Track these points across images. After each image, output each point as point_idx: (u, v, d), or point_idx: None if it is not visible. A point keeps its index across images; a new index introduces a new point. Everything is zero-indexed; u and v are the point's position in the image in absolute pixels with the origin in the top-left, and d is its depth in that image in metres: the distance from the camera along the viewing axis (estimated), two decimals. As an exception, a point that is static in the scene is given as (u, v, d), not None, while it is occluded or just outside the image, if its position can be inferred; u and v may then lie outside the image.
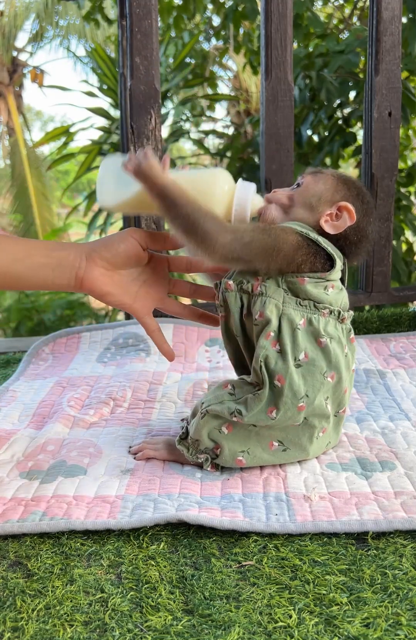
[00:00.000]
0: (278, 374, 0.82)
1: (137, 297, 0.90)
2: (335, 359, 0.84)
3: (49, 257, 0.85)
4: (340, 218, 0.86)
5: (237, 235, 0.81)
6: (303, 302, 0.84)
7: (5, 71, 9.90)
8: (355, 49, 2.86)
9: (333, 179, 0.89)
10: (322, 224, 0.86)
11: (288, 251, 0.82)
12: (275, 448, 0.85)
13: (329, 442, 0.90)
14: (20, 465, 0.89)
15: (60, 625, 0.59)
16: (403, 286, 2.70)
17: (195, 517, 0.74)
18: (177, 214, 0.81)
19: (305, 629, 0.58)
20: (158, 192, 0.82)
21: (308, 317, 0.84)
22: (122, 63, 2.16)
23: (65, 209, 10.63)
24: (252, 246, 0.81)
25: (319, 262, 0.84)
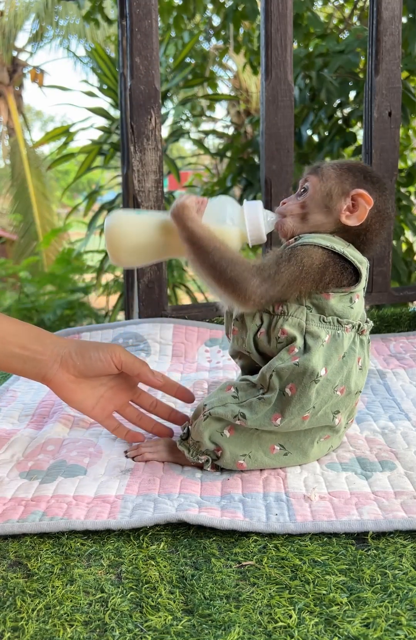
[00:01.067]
0: (291, 383, 0.81)
1: (99, 402, 0.92)
2: (348, 373, 0.84)
3: (24, 350, 0.87)
4: (358, 207, 0.84)
5: (264, 275, 0.79)
6: (327, 319, 0.82)
7: (5, 71, 9.91)
8: (355, 49, 2.86)
9: (335, 171, 0.86)
10: (344, 220, 0.84)
11: (315, 275, 0.80)
12: (276, 452, 0.85)
13: (331, 446, 0.90)
14: (20, 465, 0.89)
15: (60, 625, 0.59)
16: (403, 286, 2.70)
17: (195, 517, 0.74)
18: (204, 262, 0.80)
19: (305, 629, 0.58)
20: (186, 235, 0.82)
21: (333, 333, 0.82)
22: (122, 63, 2.16)
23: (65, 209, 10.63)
24: (280, 284, 0.79)
25: (346, 279, 0.83)
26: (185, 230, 0.82)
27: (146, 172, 1.44)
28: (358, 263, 0.83)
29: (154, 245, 0.88)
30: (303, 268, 0.80)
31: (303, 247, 0.81)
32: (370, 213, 0.84)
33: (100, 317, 5.07)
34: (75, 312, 5.05)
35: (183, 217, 0.82)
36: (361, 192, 0.83)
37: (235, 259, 0.80)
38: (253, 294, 0.79)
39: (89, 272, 5.74)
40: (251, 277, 0.79)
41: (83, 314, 5.08)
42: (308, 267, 0.80)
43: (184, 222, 0.82)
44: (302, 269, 0.79)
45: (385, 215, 0.87)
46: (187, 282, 4.68)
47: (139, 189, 1.45)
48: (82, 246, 5.50)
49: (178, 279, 4.60)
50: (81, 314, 5.07)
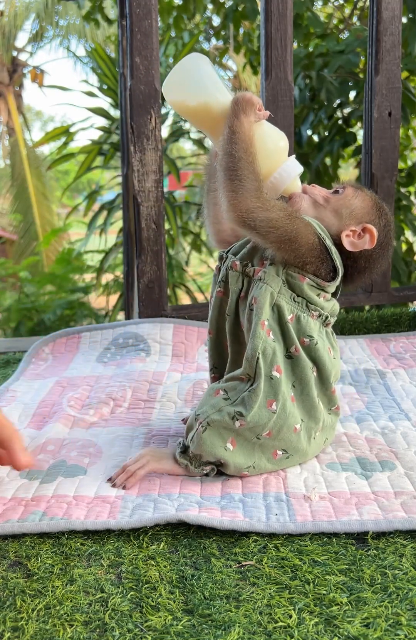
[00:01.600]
0: (277, 364, 0.83)
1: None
2: (318, 359, 0.86)
3: None
4: (361, 238, 0.88)
5: (264, 206, 0.81)
6: (297, 299, 0.85)
7: (5, 71, 9.90)
8: (355, 49, 2.86)
9: (371, 201, 0.91)
10: (343, 236, 0.87)
11: (301, 246, 0.83)
12: (279, 457, 0.85)
13: (326, 439, 0.90)
14: (20, 465, 0.89)
15: (60, 625, 0.59)
16: (403, 286, 2.71)
17: (195, 518, 0.74)
18: (231, 153, 0.82)
19: (305, 629, 0.58)
20: (233, 123, 0.83)
21: (297, 314, 0.85)
22: (122, 63, 2.16)
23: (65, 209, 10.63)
24: (271, 224, 0.81)
25: (324, 270, 0.85)
26: (234, 118, 0.83)
27: (146, 172, 1.44)
28: (339, 265, 0.87)
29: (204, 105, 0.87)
30: (297, 232, 0.82)
31: (305, 220, 0.85)
32: (364, 252, 0.88)
33: (100, 317, 5.07)
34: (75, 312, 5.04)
35: (242, 108, 0.83)
36: (373, 231, 0.88)
37: (256, 176, 0.82)
38: (245, 208, 0.81)
39: (89, 272, 5.74)
40: (256, 197, 0.81)
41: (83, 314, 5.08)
42: (299, 236, 0.82)
43: (239, 113, 0.83)
44: (295, 232, 0.82)
45: (371, 265, 0.91)
46: (187, 282, 4.68)
47: (139, 189, 1.45)
48: (82, 246, 5.50)
49: (178, 279, 4.61)
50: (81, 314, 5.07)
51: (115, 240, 4.64)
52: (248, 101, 0.83)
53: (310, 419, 0.86)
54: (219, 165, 0.83)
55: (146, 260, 1.46)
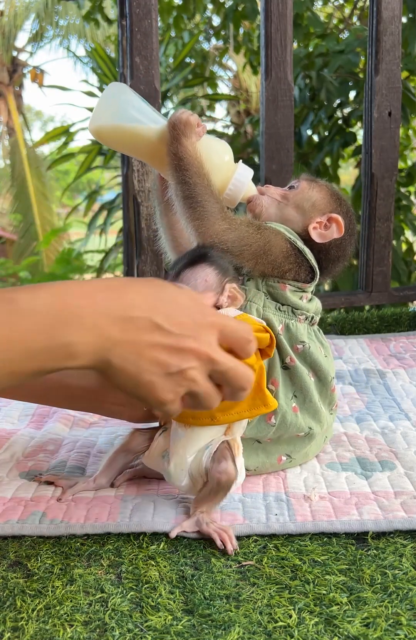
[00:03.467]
0: (272, 378, 0.82)
1: None
2: (314, 362, 0.85)
3: None
4: (329, 229, 0.87)
5: (231, 226, 0.80)
6: (283, 308, 0.84)
7: (5, 71, 9.91)
8: (355, 49, 2.86)
9: (328, 190, 0.90)
10: (310, 229, 0.86)
11: (276, 256, 0.82)
12: (283, 462, 0.86)
13: (326, 437, 0.91)
14: (20, 465, 0.89)
15: (60, 625, 0.59)
16: (403, 286, 2.71)
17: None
18: (184, 180, 0.80)
19: (305, 629, 0.58)
20: (177, 150, 0.80)
21: (286, 322, 0.84)
22: (122, 63, 2.16)
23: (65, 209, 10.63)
24: (243, 242, 0.80)
25: (303, 273, 0.85)
26: (177, 144, 0.80)
27: (146, 172, 1.44)
28: (314, 264, 0.86)
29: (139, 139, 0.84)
30: (268, 242, 0.81)
31: (272, 228, 0.84)
32: (334, 241, 0.87)
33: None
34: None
35: (181, 131, 0.81)
36: (338, 219, 0.86)
37: (215, 197, 0.80)
38: (214, 234, 0.79)
39: (89, 272, 5.74)
40: (221, 219, 0.80)
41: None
42: (272, 246, 0.82)
43: (180, 136, 0.81)
44: (266, 243, 0.81)
45: (344, 253, 0.90)
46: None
47: (139, 189, 1.45)
48: (82, 246, 5.51)
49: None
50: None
51: (115, 240, 4.64)
52: (186, 123, 0.81)
53: (316, 424, 0.86)
54: (175, 195, 0.81)
55: (146, 260, 1.46)
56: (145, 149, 0.85)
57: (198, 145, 0.82)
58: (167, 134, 0.81)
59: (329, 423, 0.89)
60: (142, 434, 0.80)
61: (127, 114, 0.84)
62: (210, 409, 0.64)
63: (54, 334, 0.55)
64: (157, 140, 0.83)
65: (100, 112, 0.85)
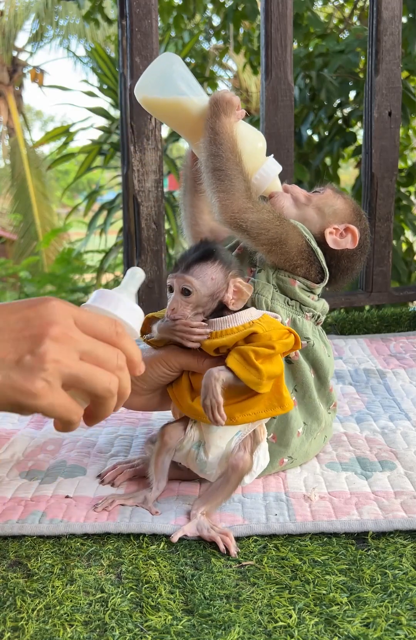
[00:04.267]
0: None
1: None
2: (316, 360, 0.86)
3: None
4: (344, 238, 0.88)
5: (254, 207, 0.81)
6: (291, 302, 0.85)
7: (5, 71, 9.91)
8: (355, 49, 2.86)
9: (351, 204, 0.91)
10: (326, 234, 0.87)
11: (291, 248, 0.83)
12: (285, 464, 0.86)
13: (325, 437, 0.91)
14: (20, 465, 0.89)
15: (60, 625, 0.59)
16: (403, 286, 2.71)
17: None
18: (217, 153, 0.80)
19: (305, 629, 0.58)
20: (215, 124, 0.81)
21: (293, 317, 0.85)
22: (122, 63, 2.16)
23: (65, 209, 10.63)
24: (262, 225, 0.81)
25: (313, 272, 0.86)
26: (216, 119, 0.82)
27: (146, 172, 1.44)
28: (324, 264, 0.87)
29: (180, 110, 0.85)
30: (286, 233, 0.82)
31: (292, 222, 0.85)
32: (346, 252, 0.89)
33: (100, 317, 5.06)
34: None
35: (223, 109, 0.82)
36: (355, 231, 0.88)
37: (245, 176, 0.81)
38: (237, 209, 0.80)
39: (89, 272, 5.74)
40: (247, 198, 0.81)
41: (83, 314, 5.07)
42: (289, 238, 0.83)
43: (220, 112, 0.82)
44: (285, 234, 0.82)
45: (352, 266, 0.92)
46: (187, 282, 4.67)
47: (139, 189, 1.45)
48: (82, 246, 5.50)
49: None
50: (81, 313, 5.06)
51: (115, 240, 4.64)
52: (229, 102, 0.82)
53: (313, 421, 0.86)
54: (205, 167, 0.82)
55: (146, 260, 1.46)
56: (185, 120, 0.86)
57: (235, 126, 0.83)
58: (208, 109, 0.83)
59: (328, 422, 0.90)
60: (175, 427, 0.80)
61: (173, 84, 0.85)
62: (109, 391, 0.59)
63: None
64: (198, 114, 0.84)
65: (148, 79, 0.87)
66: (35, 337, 0.56)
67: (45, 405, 0.56)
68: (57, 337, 0.56)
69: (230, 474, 0.74)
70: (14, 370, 0.55)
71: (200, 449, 0.77)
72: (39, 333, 0.56)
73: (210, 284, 0.75)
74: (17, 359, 0.55)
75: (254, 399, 0.75)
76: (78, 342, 0.57)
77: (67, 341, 0.56)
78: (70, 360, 0.56)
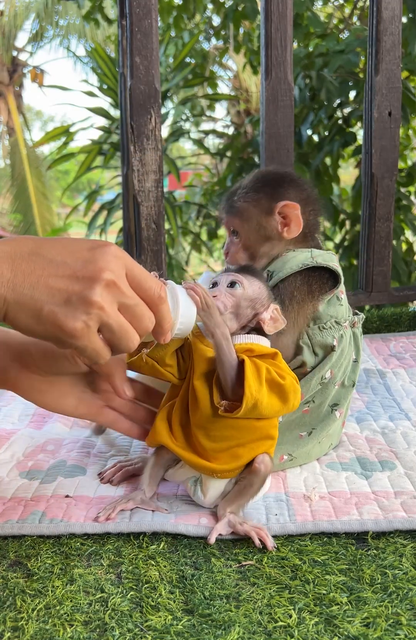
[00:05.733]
0: None
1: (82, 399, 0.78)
2: (345, 367, 0.86)
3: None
4: (289, 217, 0.84)
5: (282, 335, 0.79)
6: (327, 325, 0.84)
7: (5, 71, 9.90)
8: (355, 49, 2.86)
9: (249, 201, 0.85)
10: (286, 236, 0.84)
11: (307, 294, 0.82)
12: (284, 460, 0.86)
13: (331, 444, 0.90)
14: (20, 465, 0.89)
15: (60, 625, 0.59)
16: (403, 286, 2.70)
17: (194, 530, 0.73)
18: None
19: (305, 629, 0.58)
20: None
21: (338, 335, 0.84)
22: (122, 63, 2.16)
23: (65, 209, 10.63)
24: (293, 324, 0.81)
25: (327, 283, 0.84)
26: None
27: (146, 172, 1.44)
28: (331, 263, 0.84)
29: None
30: (299, 297, 0.81)
31: (285, 281, 0.82)
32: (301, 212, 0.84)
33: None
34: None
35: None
36: (283, 203, 0.83)
37: None
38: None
39: (89, 272, 5.71)
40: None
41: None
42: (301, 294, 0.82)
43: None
44: (299, 300, 0.81)
45: (312, 201, 0.87)
46: (186, 282, 4.67)
47: (139, 189, 1.45)
48: (82, 246, 5.47)
49: (178, 278, 4.61)
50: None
51: (115, 240, 4.63)
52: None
53: (322, 428, 0.86)
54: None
55: (146, 260, 1.46)
56: None
57: None
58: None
59: (336, 430, 0.90)
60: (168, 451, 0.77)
61: None
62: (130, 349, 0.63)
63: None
64: None
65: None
66: (87, 280, 0.58)
67: (80, 345, 0.59)
68: (107, 284, 0.59)
69: (253, 479, 0.74)
70: (60, 307, 0.58)
71: (197, 486, 0.76)
72: (92, 277, 0.58)
73: (257, 291, 0.75)
74: (66, 298, 0.58)
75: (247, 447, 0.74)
76: (123, 295, 0.60)
77: (114, 290, 0.59)
78: (112, 310, 0.59)
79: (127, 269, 0.61)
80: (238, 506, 0.74)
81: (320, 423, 0.86)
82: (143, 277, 0.63)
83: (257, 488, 0.75)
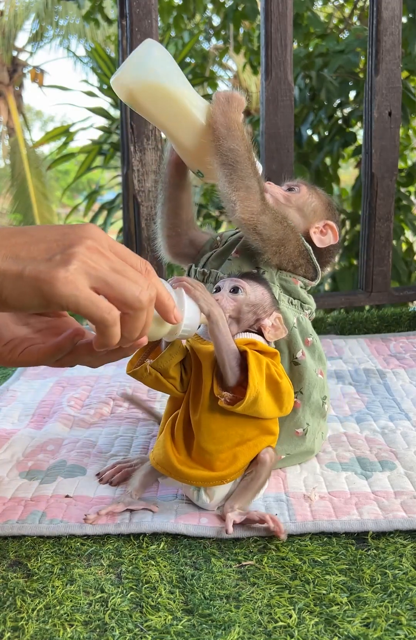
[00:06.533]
0: None
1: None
2: (320, 355, 0.87)
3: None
4: (326, 235, 0.89)
5: (267, 208, 0.82)
6: (294, 302, 0.86)
7: (5, 71, 9.91)
8: (355, 49, 2.86)
9: (325, 199, 0.92)
10: (311, 233, 0.88)
11: (294, 249, 0.85)
12: (282, 458, 0.86)
13: (322, 433, 0.91)
14: (20, 465, 0.89)
15: (60, 625, 0.59)
16: (403, 286, 2.71)
17: (195, 530, 0.73)
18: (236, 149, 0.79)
19: (305, 629, 0.58)
20: (237, 117, 0.79)
21: (297, 316, 0.86)
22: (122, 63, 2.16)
23: (65, 209, 10.63)
24: (273, 227, 0.82)
25: (310, 272, 0.88)
26: (233, 115, 0.79)
27: (146, 172, 1.44)
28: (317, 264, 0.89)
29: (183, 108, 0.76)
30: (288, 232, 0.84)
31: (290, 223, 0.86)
32: (327, 248, 0.90)
33: (100, 317, 5.06)
34: (75, 312, 5.04)
35: (235, 106, 0.80)
36: (334, 227, 0.90)
37: (257, 174, 0.81)
38: (251, 210, 0.80)
39: (89, 272, 5.71)
40: (261, 200, 0.81)
41: (83, 314, 5.07)
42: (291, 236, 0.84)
43: (235, 109, 0.80)
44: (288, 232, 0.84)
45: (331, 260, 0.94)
46: (187, 282, 4.67)
47: (139, 189, 1.45)
48: (82, 246, 5.47)
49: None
50: (81, 314, 5.06)
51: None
52: (240, 101, 0.81)
53: (314, 421, 0.87)
54: (223, 163, 0.79)
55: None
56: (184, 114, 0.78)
57: None
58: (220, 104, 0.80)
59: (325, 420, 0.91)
60: None
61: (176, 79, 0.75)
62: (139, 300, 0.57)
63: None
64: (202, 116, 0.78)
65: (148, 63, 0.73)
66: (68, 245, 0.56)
67: (69, 294, 0.54)
68: (90, 248, 0.56)
69: (259, 470, 0.74)
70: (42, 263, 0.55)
71: (201, 491, 0.76)
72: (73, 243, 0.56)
73: (259, 297, 0.77)
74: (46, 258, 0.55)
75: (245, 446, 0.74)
76: (110, 260, 0.57)
77: (99, 255, 0.57)
78: (99, 266, 0.56)
79: (109, 245, 0.59)
80: (246, 502, 0.74)
81: (312, 416, 0.87)
82: (127, 253, 0.60)
83: (264, 480, 0.75)
